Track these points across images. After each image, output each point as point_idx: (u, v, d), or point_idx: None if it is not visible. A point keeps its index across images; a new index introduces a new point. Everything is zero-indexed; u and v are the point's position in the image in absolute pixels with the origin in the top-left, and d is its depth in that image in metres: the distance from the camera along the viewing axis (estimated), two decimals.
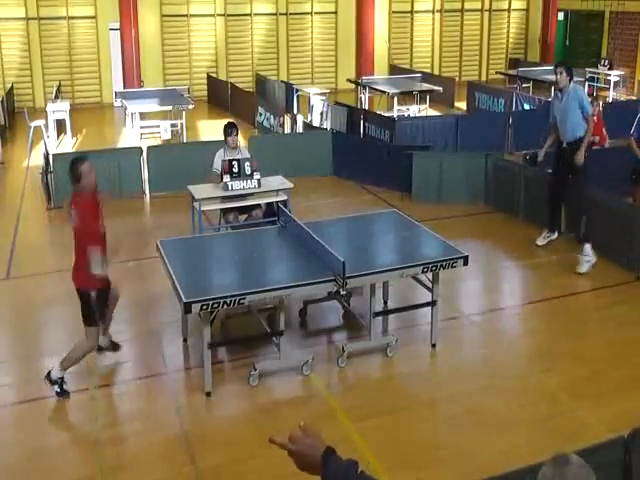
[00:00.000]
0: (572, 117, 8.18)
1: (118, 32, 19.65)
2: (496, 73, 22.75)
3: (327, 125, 14.92)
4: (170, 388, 6.07)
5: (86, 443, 5.35)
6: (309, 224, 6.75)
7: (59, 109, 15.63)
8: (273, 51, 22.06)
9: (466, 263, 6.35)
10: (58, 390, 5.76)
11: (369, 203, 10.84)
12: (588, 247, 8.14)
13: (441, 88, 17.38)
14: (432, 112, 17.30)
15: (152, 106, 15.63)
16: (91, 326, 5.77)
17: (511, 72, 21.35)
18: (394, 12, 23.11)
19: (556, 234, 8.92)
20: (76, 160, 5.75)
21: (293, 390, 6.06)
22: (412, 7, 23.41)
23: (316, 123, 15.21)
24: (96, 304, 5.72)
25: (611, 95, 19.61)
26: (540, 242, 8.86)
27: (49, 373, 5.78)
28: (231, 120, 9.65)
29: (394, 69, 22.21)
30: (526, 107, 16.07)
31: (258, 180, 8.53)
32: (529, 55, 24.81)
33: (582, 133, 8.25)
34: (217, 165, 8.66)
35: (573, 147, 8.25)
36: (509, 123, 13.92)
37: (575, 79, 8.60)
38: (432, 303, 6.53)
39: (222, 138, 8.88)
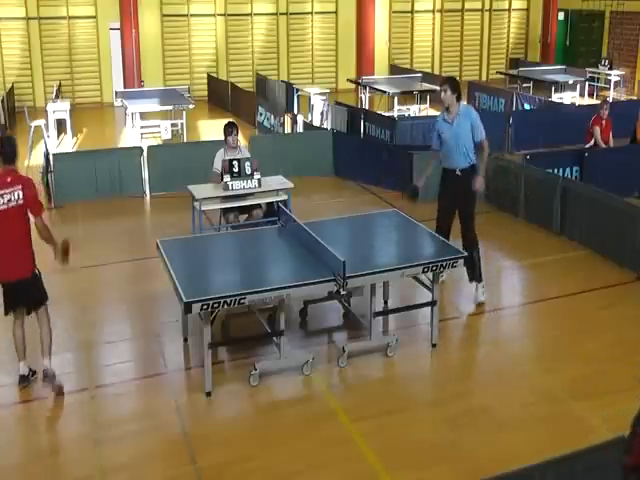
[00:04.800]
0: (466, 141, 7.15)
1: (118, 32, 19.68)
2: (496, 73, 22.77)
3: (327, 125, 14.93)
4: (170, 388, 6.06)
5: (86, 443, 5.34)
6: (309, 224, 6.74)
7: (59, 109, 15.63)
8: (273, 51, 22.06)
9: None
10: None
11: (369, 203, 10.83)
12: (481, 285, 7.48)
13: None
14: (432, 112, 17.29)
15: (152, 106, 15.63)
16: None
17: (511, 72, 21.36)
18: (394, 12, 23.12)
19: (445, 276, 7.62)
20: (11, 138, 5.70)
21: (293, 390, 6.06)
22: (412, 7, 23.42)
23: (316, 123, 15.21)
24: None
25: (611, 95, 19.61)
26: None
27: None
28: (231, 120, 9.66)
29: (394, 69, 22.23)
30: (526, 107, 16.09)
31: (258, 180, 8.53)
32: (529, 55, 24.82)
33: (474, 160, 7.25)
34: (217, 165, 8.66)
35: (468, 173, 7.21)
36: (509, 123, 13.91)
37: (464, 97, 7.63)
38: (432, 303, 6.52)
39: (222, 138, 8.88)
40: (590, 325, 6.88)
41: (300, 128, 14.61)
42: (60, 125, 15.73)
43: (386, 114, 15.45)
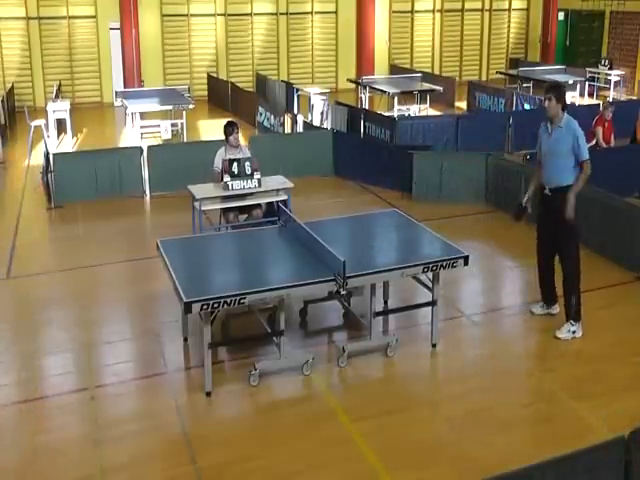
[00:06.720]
0: (561, 159, 6.53)
1: (118, 32, 19.69)
2: (496, 73, 22.75)
3: (327, 125, 14.93)
4: (170, 388, 6.06)
5: (86, 443, 5.34)
6: (309, 224, 6.74)
7: (59, 109, 15.64)
8: (273, 51, 22.07)
9: (466, 263, 6.35)
10: None
11: (369, 203, 10.84)
12: (576, 326, 6.75)
13: (441, 88, 17.38)
14: (432, 112, 17.31)
15: (152, 106, 15.62)
16: None
17: (511, 72, 21.35)
18: (394, 12, 23.12)
19: (557, 308, 7.10)
20: None
21: (293, 390, 6.06)
22: (412, 7, 23.42)
23: (316, 123, 15.21)
24: None
25: (611, 95, 19.61)
26: (535, 310, 7.22)
27: None
28: (231, 119, 9.66)
29: (394, 69, 22.24)
30: (526, 107, 16.08)
31: (258, 180, 8.53)
32: (529, 55, 24.82)
33: (571, 180, 6.55)
34: (218, 163, 8.66)
35: (557, 195, 6.57)
36: (509, 123, 13.91)
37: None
38: (432, 303, 6.53)
39: (222, 137, 8.88)
40: (590, 325, 6.88)
41: (300, 128, 14.61)
42: (60, 125, 15.74)
43: (386, 114, 15.45)
